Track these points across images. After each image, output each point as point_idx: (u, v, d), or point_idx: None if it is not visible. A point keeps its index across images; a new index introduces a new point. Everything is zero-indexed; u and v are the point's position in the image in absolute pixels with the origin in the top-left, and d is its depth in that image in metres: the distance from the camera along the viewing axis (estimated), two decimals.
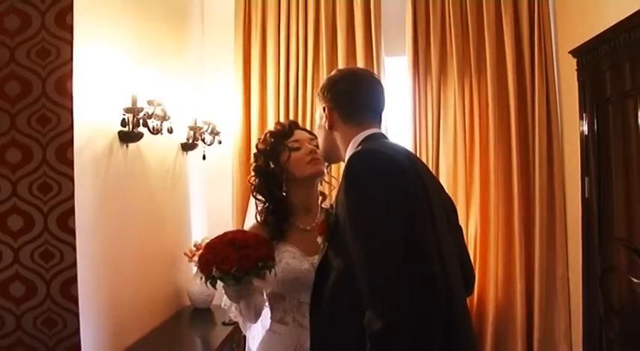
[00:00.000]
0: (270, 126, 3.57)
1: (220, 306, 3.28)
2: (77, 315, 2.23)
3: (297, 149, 1.99)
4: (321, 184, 2.14)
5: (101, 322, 2.46)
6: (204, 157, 3.39)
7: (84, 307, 2.26)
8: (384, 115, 1.71)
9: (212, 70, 3.86)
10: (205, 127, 3.38)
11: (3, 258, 2.25)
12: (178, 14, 3.61)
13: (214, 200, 3.80)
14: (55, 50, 2.23)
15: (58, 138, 2.22)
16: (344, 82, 1.67)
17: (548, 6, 3.60)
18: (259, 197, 2.06)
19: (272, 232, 1.98)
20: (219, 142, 3.55)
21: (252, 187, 2.08)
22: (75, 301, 2.22)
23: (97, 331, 2.42)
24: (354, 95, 1.65)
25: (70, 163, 2.22)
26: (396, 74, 3.81)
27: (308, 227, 1.98)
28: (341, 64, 3.66)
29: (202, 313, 3.36)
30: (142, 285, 2.92)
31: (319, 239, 1.59)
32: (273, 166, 2.02)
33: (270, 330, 1.96)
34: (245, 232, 1.92)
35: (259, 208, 2.06)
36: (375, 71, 3.62)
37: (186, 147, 3.40)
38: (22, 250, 2.24)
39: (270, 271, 1.79)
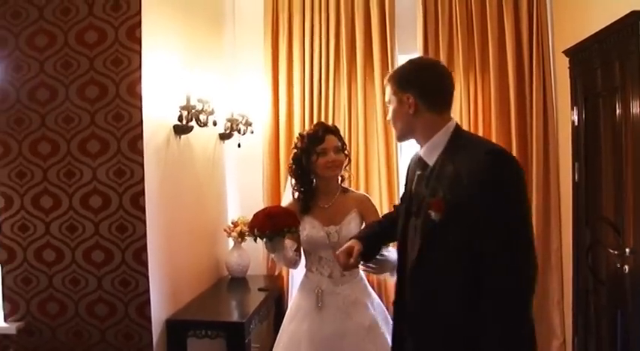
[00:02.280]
0: (297, 117, 4.08)
1: (255, 275, 3.82)
2: (147, 277, 2.73)
3: (323, 155, 2.59)
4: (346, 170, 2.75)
5: (163, 284, 2.94)
6: (239, 146, 3.84)
7: (151, 271, 2.75)
8: None
9: (243, 66, 4.26)
10: (240, 119, 3.82)
11: (85, 230, 2.75)
12: (214, 17, 4.05)
13: (246, 183, 4.22)
14: (127, 59, 2.70)
15: (130, 132, 2.70)
16: (430, 72, 1.87)
17: (545, 9, 3.94)
18: (294, 180, 2.70)
19: (301, 207, 2.65)
20: (252, 132, 3.99)
21: (290, 171, 2.71)
22: (145, 265, 2.72)
23: (161, 291, 2.91)
24: (440, 85, 1.85)
25: (140, 153, 2.70)
26: None
27: (326, 205, 2.65)
28: (359, 62, 4.03)
29: (239, 282, 3.85)
30: (191, 255, 3.41)
31: (433, 214, 1.73)
32: (305, 162, 2.62)
33: (304, 275, 2.70)
34: (279, 207, 2.66)
35: (294, 188, 2.70)
36: (390, 68, 4.01)
37: (224, 136, 3.86)
38: (102, 224, 2.74)
39: (293, 234, 2.53)
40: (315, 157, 2.60)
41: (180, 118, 3.02)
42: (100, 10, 2.71)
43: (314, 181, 2.68)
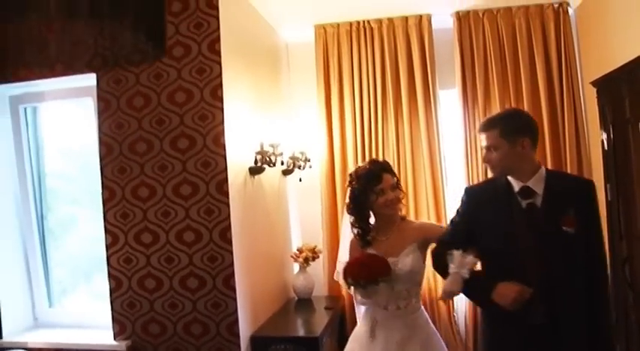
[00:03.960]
0: (350, 152, 4.50)
1: (318, 296, 4.23)
2: (235, 299, 3.17)
3: (382, 194, 2.69)
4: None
5: (247, 305, 3.39)
6: (300, 180, 4.30)
7: (238, 294, 3.20)
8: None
9: (299, 107, 4.75)
10: (300, 156, 4.28)
11: (181, 261, 3.23)
12: (273, 65, 4.53)
13: (306, 213, 4.69)
14: (211, 115, 3.18)
15: (217, 177, 3.17)
16: (531, 120, 2.47)
17: (573, 44, 4.31)
18: (352, 218, 2.83)
19: (361, 242, 2.79)
20: (310, 167, 4.44)
21: (348, 209, 2.83)
22: (234, 289, 3.16)
23: (246, 311, 3.35)
24: (537, 130, 2.46)
25: (226, 194, 3.16)
26: (448, 104, 4.55)
27: (384, 238, 2.76)
28: (404, 98, 4.44)
29: (305, 302, 4.28)
30: (266, 279, 3.86)
31: (566, 228, 2.26)
32: (363, 201, 2.74)
33: None
34: (372, 256, 2.69)
35: (352, 224, 2.83)
36: (432, 103, 4.43)
37: (286, 172, 4.32)
38: (195, 256, 3.21)
39: (386, 283, 2.62)
40: (373, 197, 2.69)
41: (255, 162, 3.50)
42: (188, 74, 3.21)
43: (372, 215, 2.78)
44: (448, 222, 2.74)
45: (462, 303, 4.33)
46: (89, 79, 3.36)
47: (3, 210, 3.66)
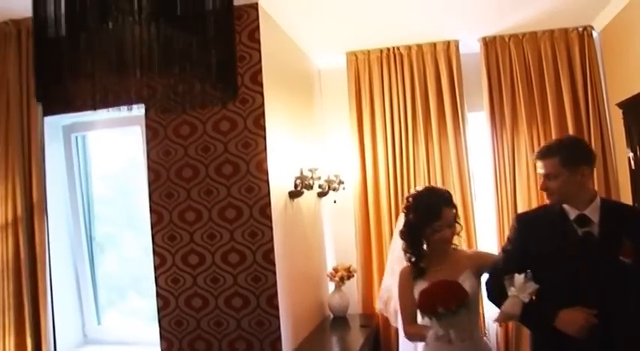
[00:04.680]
0: (382, 173, 4.63)
1: (353, 314, 4.35)
2: (278, 318, 3.33)
3: (438, 231, 2.61)
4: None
5: (289, 323, 3.54)
6: (334, 202, 4.46)
7: (281, 312, 3.35)
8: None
9: (331, 130, 4.94)
10: (335, 179, 4.45)
11: (226, 281, 3.39)
12: (307, 90, 4.72)
13: (340, 233, 4.85)
14: (254, 143, 3.36)
15: (260, 201, 3.34)
16: (590, 148, 2.54)
17: (597, 65, 4.44)
18: (404, 243, 2.77)
19: (416, 271, 2.71)
20: (344, 189, 4.61)
21: (402, 236, 2.77)
22: (277, 308, 3.31)
23: (288, 329, 3.50)
24: (595, 158, 2.51)
25: (269, 217, 3.33)
26: (476, 126, 4.68)
27: (439, 268, 2.67)
28: (434, 121, 4.58)
29: (341, 320, 4.42)
30: (304, 297, 4.02)
31: (624, 258, 2.25)
32: (416, 233, 2.68)
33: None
34: (445, 281, 2.55)
35: (403, 248, 2.77)
36: (460, 125, 4.58)
37: (321, 194, 4.49)
38: (239, 276, 3.37)
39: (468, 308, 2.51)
40: (429, 232, 2.62)
41: (295, 186, 3.68)
42: (231, 104, 3.40)
43: (425, 243, 2.71)
44: (498, 249, 2.81)
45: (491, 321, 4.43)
46: (138, 109, 3.56)
47: (57, 232, 3.87)
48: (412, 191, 2.89)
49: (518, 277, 2.34)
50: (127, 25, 1.44)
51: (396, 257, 3.10)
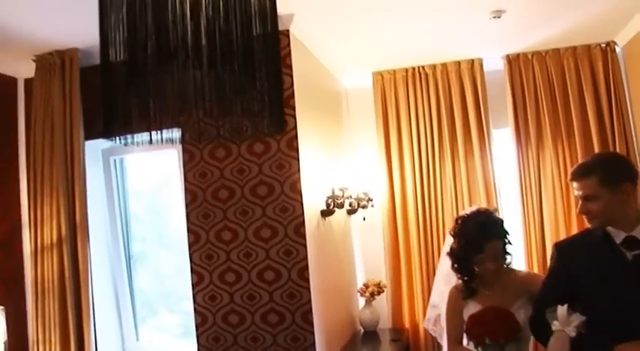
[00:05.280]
0: (409, 191, 4.73)
1: (383, 328, 4.44)
2: (313, 333, 3.43)
3: (481, 263, 2.51)
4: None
5: (323, 338, 3.64)
6: (364, 219, 4.56)
7: (315, 328, 3.46)
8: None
9: (359, 149, 5.05)
10: (364, 197, 4.55)
11: (262, 298, 3.51)
12: (335, 110, 4.85)
13: (369, 249, 4.95)
14: (288, 164, 3.49)
15: (294, 221, 3.46)
16: (629, 161, 2.34)
17: (622, 82, 4.50)
18: (454, 269, 2.69)
19: (466, 291, 2.63)
20: (372, 206, 4.71)
21: (450, 257, 2.67)
22: (312, 324, 3.42)
23: (322, 344, 3.59)
24: (637, 172, 2.20)
25: (303, 236, 3.45)
26: (502, 143, 4.76)
27: (490, 292, 2.58)
28: (460, 138, 4.69)
29: (371, 335, 4.51)
30: (336, 313, 4.12)
31: None
32: (462, 260, 2.60)
33: None
34: (496, 308, 2.45)
35: (453, 268, 2.68)
36: (486, 141, 4.67)
37: (351, 212, 4.60)
38: (275, 293, 3.49)
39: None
40: (475, 261, 2.53)
41: (327, 205, 3.80)
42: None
43: (475, 269, 2.59)
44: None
45: None
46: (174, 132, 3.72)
47: (97, 250, 4.02)
48: (462, 212, 2.78)
49: (561, 310, 2.11)
50: (186, 70, 1.57)
51: (443, 275, 3.07)
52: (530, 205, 4.54)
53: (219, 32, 1.61)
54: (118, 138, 1.63)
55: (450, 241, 2.77)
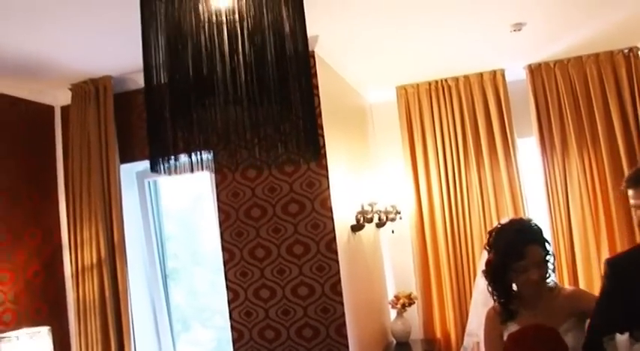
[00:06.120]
0: (437, 202, 4.80)
1: (415, 339, 4.49)
2: (347, 346, 3.51)
3: (524, 273, 2.20)
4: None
5: (356, 350, 3.71)
6: (392, 232, 4.63)
7: (350, 341, 3.53)
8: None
9: (385, 162, 5.13)
10: (392, 210, 4.63)
11: (296, 313, 3.60)
12: (360, 125, 4.94)
13: (398, 261, 5.02)
14: (318, 182, 3.58)
15: (326, 237, 3.55)
16: None
17: None
18: (491, 291, 2.40)
19: (504, 314, 2.34)
20: (400, 218, 4.78)
21: (486, 276, 2.39)
22: (345, 337, 3.50)
23: None
24: None
25: (335, 252, 3.53)
26: (527, 152, 4.79)
27: (530, 313, 2.29)
28: (485, 149, 4.74)
29: (404, 346, 4.57)
30: (369, 325, 4.19)
31: None
32: (499, 275, 2.29)
33: None
34: (539, 327, 2.18)
35: (489, 289, 2.39)
36: (511, 151, 4.71)
37: (379, 225, 4.67)
38: (309, 308, 3.57)
39: None
40: (513, 275, 2.25)
41: (357, 220, 3.88)
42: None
43: (515, 288, 2.33)
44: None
45: None
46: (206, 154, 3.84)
47: (135, 269, 4.16)
48: (495, 224, 2.51)
49: (621, 339, 1.81)
50: (226, 106, 1.68)
51: (480, 298, 2.90)
52: (558, 214, 4.57)
53: (257, 66, 1.71)
54: (163, 172, 1.73)
55: (484, 259, 2.50)
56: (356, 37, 3.79)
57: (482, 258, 2.67)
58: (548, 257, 2.29)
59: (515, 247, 2.22)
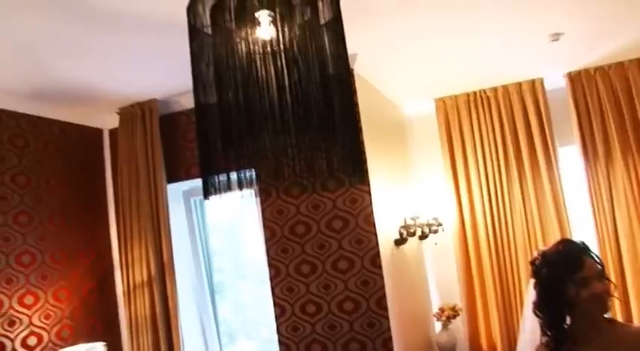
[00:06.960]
0: (479, 214, 4.80)
1: None
2: None
3: (585, 287, 1.90)
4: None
5: None
6: (435, 244, 4.65)
7: None
8: None
9: (425, 174, 5.14)
10: (434, 222, 4.64)
11: (343, 328, 3.65)
12: (400, 139, 4.99)
13: (441, 273, 5.02)
14: (361, 198, 3.64)
15: (370, 252, 3.60)
16: None
17: None
18: (542, 323, 2.06)
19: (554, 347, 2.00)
20: (443, 230, 4.80)
21: (536, 307, 2.06)
22: None
23: None
24: None
25: (379, 266, 3.58)
26: (569, 160, 4.73)
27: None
28: (526, 158, 4.70)
29: None
30: (414, 338, 4.21)
31: None
32: (556, 296, 1.96)
33: None
34: None
35: (541, 324, 2.06)
36: (552, 160, 4.66)
37: (422, 237, 4.69)
38: (355, 322, 3.63)
39: None
40: (573, 290, 1.91)
41: (400, 235, 3.92)
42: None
43: (568, 316, 1.99)
44: None
45: None
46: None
47: (183, 285, 4.28)
48: (535, 253, 2.19)
49: None
50: (275, 137, 1.76)
51: (527, 341, 2.72)
52: (604, 224, 4.49)
53: (302, 94, 1.79)
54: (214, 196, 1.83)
55: (531, 295, 2.16)
56: (393, 52, 3.83)
57: (527, 295, 2.39)
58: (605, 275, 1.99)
59: (571, 258, 1.94)
